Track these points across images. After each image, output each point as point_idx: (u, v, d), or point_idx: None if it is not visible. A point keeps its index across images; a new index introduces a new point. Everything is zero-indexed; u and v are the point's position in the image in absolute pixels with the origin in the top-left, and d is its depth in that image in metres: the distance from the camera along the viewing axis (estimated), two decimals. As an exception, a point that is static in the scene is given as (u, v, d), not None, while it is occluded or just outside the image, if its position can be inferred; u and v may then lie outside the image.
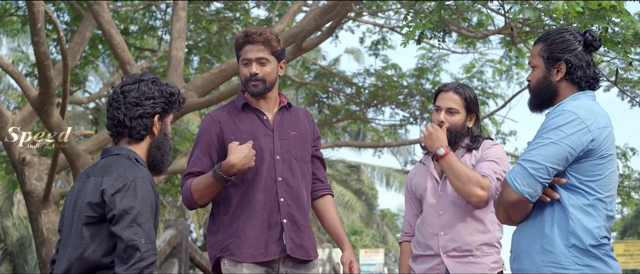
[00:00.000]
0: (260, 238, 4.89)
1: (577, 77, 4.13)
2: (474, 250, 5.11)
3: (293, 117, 5.14)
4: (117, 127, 4.22)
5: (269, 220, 4.92)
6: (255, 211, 4.91)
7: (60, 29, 10.14)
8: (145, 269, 3.91)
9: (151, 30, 15.79)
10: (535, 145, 3.96)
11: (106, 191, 4.00)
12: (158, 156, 4.27)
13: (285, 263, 4.94)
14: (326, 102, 16.83)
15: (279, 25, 13.41)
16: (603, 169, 3.98)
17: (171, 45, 11.67)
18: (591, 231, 3.93)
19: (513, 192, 3.95)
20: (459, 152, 5.26)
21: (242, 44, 4.98)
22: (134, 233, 3.91)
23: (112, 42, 10.61)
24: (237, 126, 5.02)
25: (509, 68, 15.89)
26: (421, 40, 7.39)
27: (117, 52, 10.69)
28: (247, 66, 4.97)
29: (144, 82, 4.23)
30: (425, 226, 5.23)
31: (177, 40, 11.64)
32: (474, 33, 10.28)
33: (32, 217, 12.27)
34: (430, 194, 5.25)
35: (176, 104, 4.31)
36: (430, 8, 7.37)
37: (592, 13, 6.57)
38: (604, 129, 3.99)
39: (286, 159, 5.00)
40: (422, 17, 7.02)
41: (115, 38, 10.60)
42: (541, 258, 3.95)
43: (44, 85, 10.13)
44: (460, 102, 5.23)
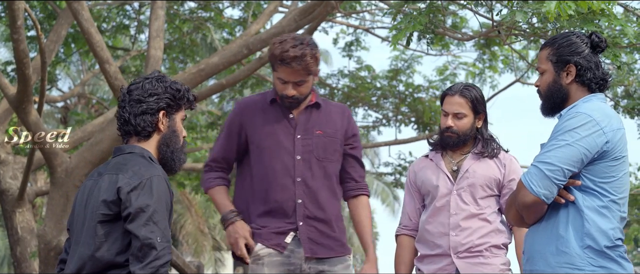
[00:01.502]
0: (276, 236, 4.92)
1: (587, 79, 4.16)
2: (483, 251, 5.13)
3: (322, 115, 5.08)
4: (124, 126, 4.20)
5: (284, 220, 4.94)
6: (271, 211, 4.93)
7: (39, 27, 10.06)
8: (161, 268, 3.90)
9: (124, 29, 15.69)
10: (550, 147, 3.98)
11: (122, 188, 3.98)
12: (168, 153, 4.23)
13: (308, 260, 4.95)
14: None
15: (255, 26, 13.38)
16: (616, 171, 4.01)
17: (149, 44, 11.58)
18: (606, 232, 3.95)
19: (529, 194, 3.96)
20: (472, 155, 5.26)
21: (280, 64, 4.89)
22: (150, 231, 3.90)
23: (91, 40, 10.50)
24: (262, 120, 5.00)
25: (482, 71, 15.94)
26: (410, 42, 7.42)
27: (96, 50, 10.59)
28: (284, 85, 4.93)
29: (148, 80, 4.21)
30: (435, 225, 5.22)
31: (156, 40, 11.55)
32: (461, 35, 10.32)
33: (6, 216, 12.17)
34: (442, 192, 5.24)
35: (184, 100, 4.26)
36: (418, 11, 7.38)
37: (581, 16, 6.63)
38: (617, 131, 4.02)
39: (307, 159, 4.99)
40: (411, 19, 7.04)
41: (95, 37, 10.50)
42: (556, 259, 3.97)
43: (22, 83, 10.04)
44: (466, 105, 5.23)
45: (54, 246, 10.89)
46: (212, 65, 11.37)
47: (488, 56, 15.34)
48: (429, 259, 5.25)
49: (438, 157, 5.35)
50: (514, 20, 6.81)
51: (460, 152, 5.32)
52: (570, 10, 6.28)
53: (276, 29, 11.30)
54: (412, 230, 5.39)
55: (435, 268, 5.20)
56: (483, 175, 5.19)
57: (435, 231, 5.22)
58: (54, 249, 10.92)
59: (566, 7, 6.26)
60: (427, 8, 7.26)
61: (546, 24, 7.05)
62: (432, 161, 5.37)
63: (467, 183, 5.20)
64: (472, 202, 5.17)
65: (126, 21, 15.70)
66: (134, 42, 15.87)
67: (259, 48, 11.69)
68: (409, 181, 5.46)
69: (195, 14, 15.58)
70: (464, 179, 5.21)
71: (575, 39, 4.22)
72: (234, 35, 15.55)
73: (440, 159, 5.33)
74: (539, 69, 4.29)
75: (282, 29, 11.21)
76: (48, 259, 10.98)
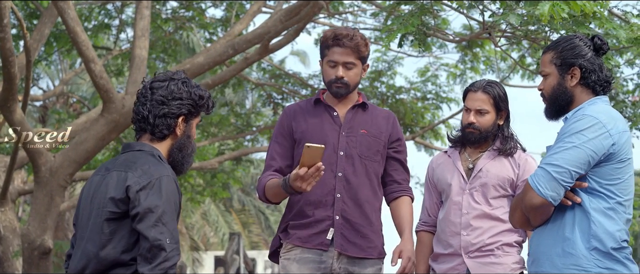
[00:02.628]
0: (310, 229, 4.95)
1: (591, 81, 4.18)
2: (495, 250, 5.13)
3: (368, 116, 5.13)
4: (141, 123, 4.15)
5: (321, 214, 4.96)
6: (310, 204, 4.96)
7: (25, 26, 10.02)
8: (170, 270, 3.87)
9: (106, 28, 15.62)
10: (557, 149, 4.00)
11: (131, 187, 3.94)
12: (179, 157, 4.20)
13: (340, 259, 4.95)
14: (281, 104, 16.81)
15: (238, 26, 13.37)
16: (622, 173, 4.04)
17: (134, 43, 11.55)
18: (613, 234, 3.98)
19: (536, 196, 3.98)
20: (488, 154, 5.27)
21: (331, 45, 4.99)
22: (160, 232, 3.87)
23: (76, 39, 10.46)
24: (306, 119, 5.08)
25: (464, 72, 15.99)
26: (402, 43, 7.45)
27: (82, 49, 10.55)
28: (333, 68, 5.00)
29: (174, 81, 4.15)
30: (448, 223, 5.23)
31: (141, 39, 11.52)
32: (452, 37, 10.35)
33: (-11, 215, 12.11)
34: (455, 191, 5.25)
35: (204, 108, 4.23)
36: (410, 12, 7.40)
37: (573, 19, 6.67)
38: (623, 133, 4.05)
39: (349, 155, 5.01)
40: (403, 21, 7.06)
41: (80, 36, 10.46)
42: (562, 261, 3.99)
43: (8, 81, 9.99)
44: (489, 101, 5.23)
45: (37, 245, 10.84)
46: (198, 65, 11.35)
47: (470, 57, 15.39)
48: (442, 258, 5.26)
49: (456, 155, 5.35)
50: (508, 22, 6.83)
51: (480, 149, 5.32)
52: (563, 13, 6.32)
53: (262, 29, 11.30)
54: (431, 226, 5.41)
55: (446, 267, 5.21)
56: (496, 175, 5.19)
57: (448, 229, 5.23)
58: (38, 249, 10.87)
59: (560, 9, 6.30)
60: (419, 10, 7.28)
61: (539, 26, 7.08)
62: (450, 157, 5.37)
63: (480, 183, 5.20)
64: (484, 202, 5.17)
65: (107, 20, 15.63)
66: (115, 41, 15.80)
67: (244, 48, 11.69)
68: (428, 177, 5.46)
69: (177, 13, 15.54)
70: (477, 178, 5.21)
71: (579, 41, 4.24)
72: (217, 36, 15.52)
73: (458, 156, 5.34)
74: (543, 72, 4.30)
75: (268, 29, 11.22)
76: (31, 259, 10.93)
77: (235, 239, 15.85)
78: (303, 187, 4.60)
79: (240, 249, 16.17)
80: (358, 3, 15.24)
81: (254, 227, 35.82)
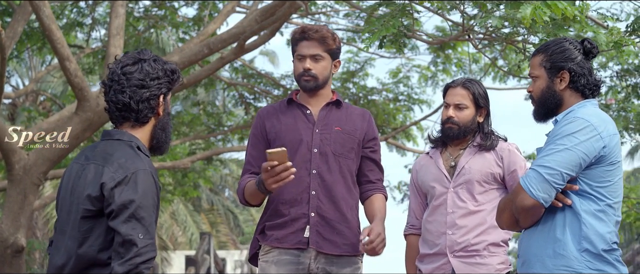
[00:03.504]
0: (286, 228, 4.96)
1: (580, 85, 4.22)
2: (481, 250, 5.15)
3: (342, 114, 5.14)
4: (122, 111, 4.00)
5: (297, 211, 4.96)
6: (285, 202, 4.97)
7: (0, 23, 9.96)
8: (142, 265, 3.77)
9: (79, 26, 15.53)
10: (549, 151, 4.03)
11: (106, 184, 3.83)
12: (162, 137, 4.10)
13: (317, 259, 4.95)
14: (253, 104, 16.79)
15: (212, 25, 13.35)
16: (612, 176, 4.08)
17: (109, 42, 11.50)
18: (603, 236, 4.02)
19: (528, 198, 4.01)
20: (469, 150, 5.29)
21: (298, 40, 5.06)
22: (132, 228, 3.77)
23: (52, 37, 10.41)
24: (280, 119, 5.10)
25: (435, 74, 16.06)
26: (382, 44, 7.47)
27: (57, 47, 10.50)
28: (301, 61, 5.03)
29: (146, 61, 4.00)
30: (433, 223, 5.26)
31: (116, 38, 11.48)
32: (432, 39, 10.39)
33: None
34: (440, 191, 5.28)
35: (177, 81, 4.12)
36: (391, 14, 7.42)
37: (554, 23, 6.73)
38: (614, 136, 4.09)
39: (323, 153, 5.01)
40: (384, 22, 7.08)
41: (55, 33, 10.41)
42: (553, 262, 4.02)
43: (-18, 79, 9.94)
44: (468, 97, 5.28)
45: (10, 243, 10.76)
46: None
47: (442, 59, 15.47)
48: (428, 258, 5.28)
49: (437, 155, 5.39)
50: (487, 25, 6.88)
51: (460, 146, 5.35)
52: (545, 17, 6.37)
53: (237, 29, 11.30)
54: (419, 229, 5.42)
55: (432, 267, 5.24)
56: (479, 170, 5.23)
57: (434, 229, 5.25)
58: (11, 247, 10.78)
59: (541, 13, 6.35)
60: (400, 11, 7.31)
61: (513, 29, 7.13)
62: (432, 158, 5.40)
63: (464, 179, 5.24)
64: (469, 199, 5.20)
65: (79, 18, 15.55)
66: (87, 40, 15.72)
67: (219, 48, 11.67)
68: (412, 180, 5.49)
69: (150, 12, 15.49)
70: (460, 176, 5.24)
71: (568, 45, 4.28)
72: (190, 35, 15.49)
73: (439, 156, 5.37)
74: (532, 75, 4.33)
75: (243, 29, 11.21)
76: (4, 257, 10.85)
77: (205, 238, 15.83)
78: (272, 186, 4.65)
79: (211, 249, 16.15)
80: (331, 3, 15.27)
81: (222, 227, 35.74)
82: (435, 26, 14.36)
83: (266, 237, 5.00)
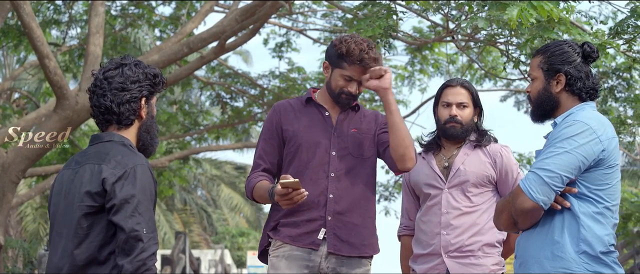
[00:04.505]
0: (300, 227, 4.96)
1: (577, 89, 4.24)
2: (475, 250, 5.17)
3: (358, 117, 5.12)
4: (105, 115, 4.12)
5: (313, 214, 4.96)
6: (302, 204, 4.87)
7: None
8: (148, 260, 3.84)
9: (55, 24, 15.47)
10: (548, 154, 4.05)
11: (107, 179, 3.91)
12: (147, 139, 4.19)
13: (328, 259, 4.95)
14: (229, 103, 16.78)
15: (190, 24, 13.35)
16: (610, 179, 4.10)
17: (89, 40, 11.47)
18: (601, 238, 4.05)
19: (528, 200, 4.03)
20: (464, 149, 5.31)
21: (353, 62, 4.90)
22: (136, 223, 3.84)
23: (32, 35, 10.37)
24: (297, 117, 5.08)
25: (412, 74, 16.12)
26: (369, 45, 7.46)
27: (36, 45, 10.47)
28: (349, 82, 4.95)
29: (126, 66, 4.13)
30: (427, 224, 5.27)
31: (95, 36, 11.45)
32: (417, 40, 10.43)
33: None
34: (434, 192, 5.29)
35: (160, 85, 4.23)
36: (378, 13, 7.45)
37: (540, 25, 6.77)
38: (612, 139, 4.12)
39: (342, 156, 5.01)
40: (371, 22, 7.10)
41: (35, 31, 10.37)
42: (551, 264, 4.04)
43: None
44: (468, 96, 5.32)
45: (-12, 242, 10.73)
46: (151, 63, 11.28)
47: (419, 60, 15.53)
48: (422, 258, 5.29)
49: (430, 156, 5.40)
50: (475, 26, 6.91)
51: (455, 146, 5.37)
52: (531, 19, 6.41)
53: (217, 28, 11.31)
54: (413, 229, 5.43)
55: (426, 267, 5.24)
56: (474, 173, 5.25)
57: (428, 230, 5.26)
58: (-11, 245, 10.76)
59: (528, 15, 6.39)
60: (387, 12, 7.33)
61: (505, 31, 7.18)
62: (425, 159, 5.41)
63: (459, 181, 5.25)
64: (463, 200, 5.21)
65: (56, 16, 15.47)
66: (64, 38, 15.65)
67: (199, 47, 11.68)
68: (405, 180, 5.50)
69: (127, 10, 15.45)
70: (455, 177, 5.26)
71: (567, 48, 4.30)
72: (167, 34, 15.46)
73: (432, 157, 5.38)
74: (530, 75, 4.36)
75: (223, 28, 11.22)
76: (-18, 256, 10.81)
77: (181, 238, 15.81)
78: (285, 207, 4.76)
79: (186, 249, 16.12)
80: (309, 4, 15.30)
81: (195, 226, 35.66)
82: (412, 27, 14.46)
83: (279, 233, 5.01)
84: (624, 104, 11.62)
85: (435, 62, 15.56)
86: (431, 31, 13.54)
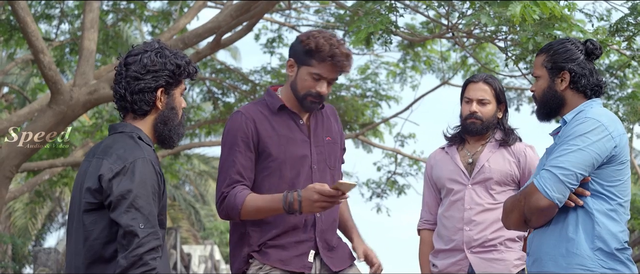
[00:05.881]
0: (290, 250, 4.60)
1: (581, 86, 4.26)
2: (498, 245, 5.18)
3: (325, 119, 4.78)
4: (120, 102, 3.99)
5: (302, 235, 4.62)
6: (291, 226, 4.60)
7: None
8: (146, 255, 3.71)
9: (46, 18, 15.41)
10: (562, 152, 4.06)
11: (103, 176, 3.80)
12: (165, 131, 4.00)
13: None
14: (221, 99, 16.75)
15: (183, 20, 13.32)
16: (622, 175, 4.13)
17: (83, 35, 11.42)
18: (616, 235, 4.07)
19: (543, 198, 4.03)
20: (489, 147, 5.30)
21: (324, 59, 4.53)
22: (132, 218, 3.72)
23: (26, 29, 10.32)
24: (275, 129, 4.62)
25: (403, 71, 16.12)
26: (370, 41, 7.49)
27: (31, 40, 10.42)
28: (318, 82, 4.57)
29: (147, 53, 3.95)
30: (450, 219, 5.26)
31: (90, 31, 11.40)
32: (417, 36, 10.44)
33: None
34: (457, 188, 5.28)
35: (184, 75, 4.01)
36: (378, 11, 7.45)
37: (542, 21, 6.79)
38: (623, 135, 4.14)
39: (322, 169, 4.68)
40: (371, 18, 7.10)
41: (30, 26, 10.33)
42: (567, 261, 4.05)
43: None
44: (490, 92, 5.30)
45: (-18, 237, 10.70)
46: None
47: (411, 57, 15.54)
48: (444, 253, 5.29)
49: (453, 150, 5.39)
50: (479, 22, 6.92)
51: (479, 143, 5.36)
52: (535, 15, 6.43)
53: (212, 23, 11.27)
54: (433, 224, 5.43)
55: (448, 262, 5.24)
56: (499, 171, 5.25)
57: (450, 225, 5.26)
58: (-18, 241, 10.72)
59: (531, 11, 6.41)
60: (387, 9, 7.34)
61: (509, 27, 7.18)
62: (448, 154, 5.41)
63: (483, 178, 5.25)
64: (486, 197, 5.21)
65: (48, 10, 15.43)
66: (56, 32, 15.60)
67: (194, 43, 11.65)
68: (427, 174, 5.48)
69: (118, 5, 15.41)
70: (480, 173, 5.25)
71: (571, 45, 4.31)
72: (160, 29, 15.42)
73: (456, 152, 5.37)
74: (534, 74, 4.37)
75: (218, 24, 11.20)
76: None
77: (172, 233, 15.78)
78: (319, 209, 4.37)
79: (177, 244, 16.09)
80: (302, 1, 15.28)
81: (183, 223, 35.56)
82: (405, 24, 14.47)
83: (267, 256, 4.58)
84: (617, 102, 11.64)
85: (427, 59, 15.58)
86: (424, 28, 13.57)
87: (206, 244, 25.06)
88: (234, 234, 4.69)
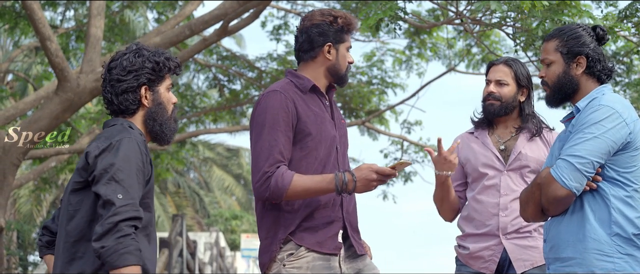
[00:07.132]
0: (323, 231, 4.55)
1: (597, 70, 4.26)
2: (532, 232, 5.16)
3: (334, 102, 4.82)
4: (110, 106, 4.17)
5: (332, 215, 4.59)
6: (322, 205, 4.56)
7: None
8: (122, 223, 3.77)
9: (52, 6, 15.42)
10: (577, 140, 4.06)
11: (90, 153, 3.94)
12: (155, 127, 4.16)
13: (345, 262, 4.65)
14: (227, 86, 16.75)
15: (189, 7, 13.34)
16: (637, 161, 4.12)
17: (90, 22, 11.43)
18: (633, 220, 4.07)
19: (561, 188, 4.04)
20: (522, 139, 5.26)
21: (354, 29, 4.71)
22: (111, 190, 3.82)
23: (33, 16, 10.35)
24: (310, 108, 4.59)
25: (410, 58, 16.13)
26: (379, 28, 7.48)
27: (38, 27, 10.43)
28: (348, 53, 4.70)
29: (126, 56, 4.14)
30: (483, 204, 5.22)
31: (96, 18, 11.41)
32: (425, 23, 10.43)
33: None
34: (491, 173, 5.26)
35: (165, 70, 4.17)
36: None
37: (551, 7, 6.78)
38: (637, 121, 4.14)
39: (343, 150, 4.73)
40: (381, 5, 7.10)
41: (37, 13, 10.35)
42: (584, 246, 4.05)
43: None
44: (510, 74, 5.26)
45: (-9, 224, 10.72)
46: (153, 45, 11.22)
47: (417, 44, 15.54)
48: (474, 238, 5.24)
49: (484, 135, 5.34)
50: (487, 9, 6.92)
51: (508, 130, 5.33)
52: (544, 1, 6.42)
53: (219, 10, 11.28)
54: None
55: (481, 246, 5.19)
56: (535, 159, 5.21)
57: (483, 210, 5.21)
58: (-8, 227, 10.75)
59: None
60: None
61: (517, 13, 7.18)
62: (478, 138, 5.36)
63: (519, 165, 5.21)
64: (521, 184, 5.16)
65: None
66: (62, 19, 15.60)
67: (201, 29, 11.66)
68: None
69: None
70: (516, 160, 5.21)
71: (582, 31, 4.32)
72: (166, 16, 15.42)
73: (487, 136, 5.33)
74: (546, 60, 4.36)
75: (225, 11, 11.21)
76: (-17, 237, 10.80)
77: (178, 220, 15.75)
78: (370, 189, 4.42)
79: (183, 231, 16.09)
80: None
81: (188, 210, 35.61)
82: (411, 10, 14.45)
83: (303, 239, 4.52)
84: (624, 88, 11.64)
85: (433, 46, 15.58)
86: (431, 15, 13.57)
87: (212, 231, 25.09)
88: (266, 218, 4.61)
